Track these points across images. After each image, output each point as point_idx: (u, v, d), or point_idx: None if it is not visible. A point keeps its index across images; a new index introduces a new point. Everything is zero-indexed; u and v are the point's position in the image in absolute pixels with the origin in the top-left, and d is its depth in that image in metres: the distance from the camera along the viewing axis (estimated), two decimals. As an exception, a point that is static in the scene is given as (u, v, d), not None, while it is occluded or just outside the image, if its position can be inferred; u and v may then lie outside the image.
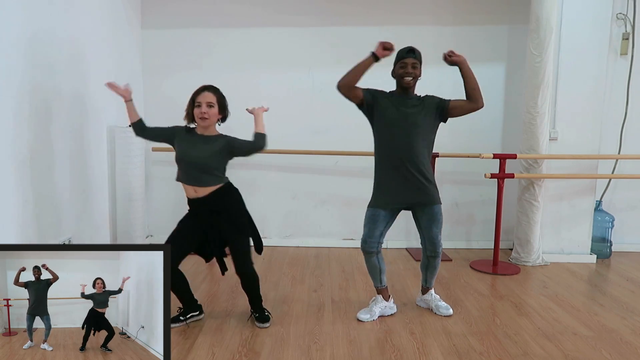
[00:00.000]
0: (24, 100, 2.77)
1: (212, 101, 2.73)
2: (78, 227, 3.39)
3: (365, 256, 2.92)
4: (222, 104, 2.79)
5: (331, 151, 4.36)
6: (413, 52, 2.82)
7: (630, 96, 4.40)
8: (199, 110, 2.70)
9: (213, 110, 2.73)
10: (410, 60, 2.81)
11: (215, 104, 2.74)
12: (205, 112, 2.70)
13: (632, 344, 2.64)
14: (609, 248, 4.36)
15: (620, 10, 4.29)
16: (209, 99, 2.72)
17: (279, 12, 4.45)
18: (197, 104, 2.71)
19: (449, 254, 4.35)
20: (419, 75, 2.85)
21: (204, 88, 2.76)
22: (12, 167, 2.68)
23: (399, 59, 2.85)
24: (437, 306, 3.02)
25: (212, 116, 2.73)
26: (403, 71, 2.81)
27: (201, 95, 2.72)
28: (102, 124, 3.75)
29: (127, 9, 4.21)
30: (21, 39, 2.74)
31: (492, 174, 3.91)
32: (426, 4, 4.43)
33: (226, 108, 2.84)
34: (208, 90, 2.75)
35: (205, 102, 2.71)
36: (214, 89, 2.78)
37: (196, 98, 2.73)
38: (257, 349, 2.52)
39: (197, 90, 2.76)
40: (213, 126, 2.80)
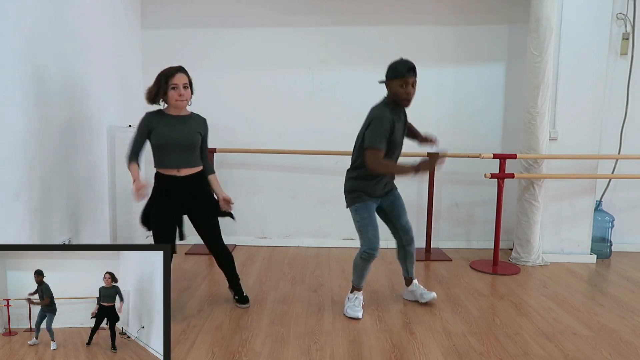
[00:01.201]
0: (23, 100, 2.76)
1: (187, 82, 2.77)
2: (78, 227, 3.39)
3: (369, 258, 2.88)
4: (191, 83, 2.85)
5: (331, 151, 4.36)
6: (414, 70, 2.73)
7: (630, 96, 4.40)
8: (177, 92, 2.72)
9: (188, 91, 2.79)
10: (412, 79, 2.72)
11: (188, 84, 2.79)
12: (183, 94, 2.73)
13: (632, 344, 2.65)
14: (609, 248, 4.36)
15: (620, 10, 4.29)
16: (184, 80, 2.75)
17: (279, 12, 4.45)
18: (173, 86, 2.71)
19: (449, 254, 4.35)
20: None
21: (177, 69, 2.76)
22: (12, 167, 2.68)
23: (399, 75, 2.72)
24: (421, 294, 3.10)
25: (189, 97, 2.79)
26: (404, 92, 2.72)
27: (177, 77, 2.72)
28: (102, 124, 3.75)
29: (127, 9, 4.21)
30: (20, 38, 2.73)
31: (492, 174, 3.91)
32: (427, 3, 4.43)
33: (193, 86, 2.88)
34: (181, 71, 2.77)
35: (181, 83, 2.73)
36: (184, 70, 2.80)
37: (171, 80, 2.72)
38: (257, 349, 2.52)
39: (169, 72, 2.73)
40: (186, 107, 2.86)
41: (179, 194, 2.82)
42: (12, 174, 2.68)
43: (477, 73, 4.52)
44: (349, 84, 4.50)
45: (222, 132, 4.50)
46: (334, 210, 4.59)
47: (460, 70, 4.48)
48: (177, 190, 2.81)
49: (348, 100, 4.48)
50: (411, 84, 2.73)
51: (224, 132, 4.49)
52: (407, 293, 3.21)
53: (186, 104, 2.80)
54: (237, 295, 3.08)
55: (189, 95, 2.79)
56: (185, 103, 2.78)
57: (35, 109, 2.87)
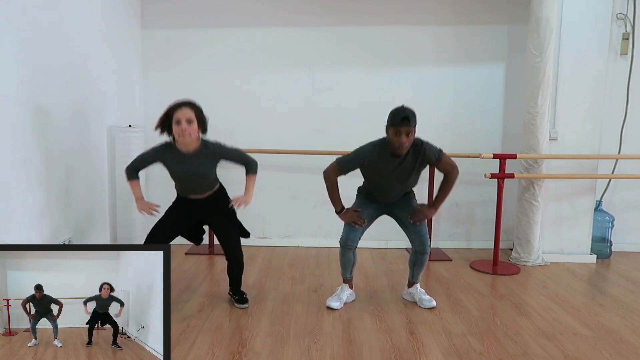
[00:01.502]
0: (23, 100, 2.77)
1: (191, 117, 2.64)
2: (78, 227, 3.39)
3: (343, 250, 3.05)
4: (201, 118, 2.71)
5: (331, 151, 4.35)
6: (408, 119, 2.68)
7: (630, 96, 4.40)
8: (179, 128, 2.61)
9: (193, 127, 2.65)
10: (405, 129, 2.69)
11: (194, 119, 2.65)
12: (186, 129, 2.61)
13: (632, 344, 2.65)
14: (609, 248, 4.36)
15: (620, 10, 4.29)
16: (187, 115, 2.63)
17: (279, 12, 4.45)
18: (176, 120, 2.62)
19: (449, 254, 4.35)
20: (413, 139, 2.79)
21: (181, 104, 2.66)
22: (12, 167, 2.68)
23: (393, 124, 2.73)
24: (421, 299, 3.10)
25: (193, 132, 2.65)
26: (397, 141, 2.72)
27: (179, 112, 2.63)
28: (102, 124, 3.75)
29: (127, 9, 4.21)
30: (20, 38, 2.73)
31: (492, 174, 3.91)
32: (427, 3, 4.43)
33: (205, 121, 2.76)
34: (186, 106, 2.66)
35: (184, 118, 2.62)
36: (191, 104, 2.69)
37: (174, 114, 2.63)
38: (257, 349, 2.52)
39: (173, 106, 2.66)
40: (195, 141, 2.73)
41: (197, 209, 2.93)
42: (12, 174, 2.68)
43: (477, 73, 4.51)
44: (348, 84, 4.50)
45: (222, 132, 4.49)
46: (334, 211, 4.58)
47: (460, 70, 4.48)
48: (196, 205, 2.92)
49: (348, 100, 4.48)
50: (405, 134, 2.70)
51: (223, 132, 4.48)
52: (406, 294, 3.23)
53: (189, 140, 2.66)
54: (237, 296, 3.09)
55: (193, 130, 2.64)
56: (187, 139, 2.65)
57: (35, 109, 2.87)
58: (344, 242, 3.02)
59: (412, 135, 2.75)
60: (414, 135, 2.77)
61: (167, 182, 2.98)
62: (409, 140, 2.73)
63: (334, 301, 3.07)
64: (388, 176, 2.89)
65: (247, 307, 3.04)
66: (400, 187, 2.98)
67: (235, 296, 3.09)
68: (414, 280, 3.16)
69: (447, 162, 2.90)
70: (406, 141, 2.72)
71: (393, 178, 2.90)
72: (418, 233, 3.00)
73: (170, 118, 2.66)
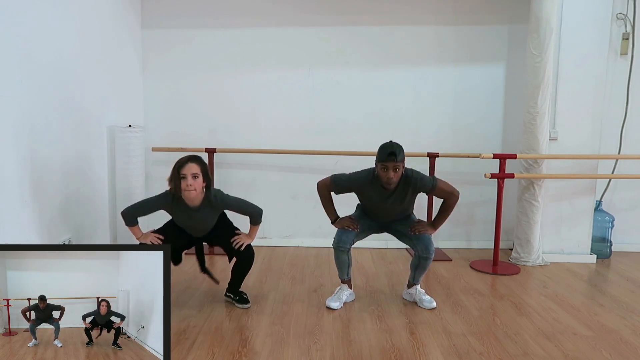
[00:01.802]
0: (23, 100, 2.77)
1: (197, 172, 2.76)
2: (78, 227, 3.39)
3: (336, 253, 3.07)
4: (205, 172, 2.83)
5: (331, 151, 4.36)
6: (395, 155, 2.74)
7: (630, 96, 4.40)
8: (185, 183, 2.73)
9: (198, 181, 2.77)
10: (392, 164, 2.76)
11: (199, 174, 2.77)
12: (191, 184, 2.74)
13: (632, 344, 2.65)
14: (609, 248, 4.36)
15: (620, 10, 4.29)
16: (193, 170, 2.75)
17: (279, 12, 4.45)
18: (182, 176, 2.74)
19: (449, 254, 4.35)
20: (402, 171, 2.84)
21: (187, 159, 2.79)
22: (12, 167, 2.68)
23: (380, 159, 2.79)
24: (421, 300, 3.10)
25: (198, 187, 2.78)
26: (385, 176, 2.79)
27: (186, 167, 2.75)
28: (102, 124, 3.75)
29: (127, 9, 4.21)
30: (20, 38, 2.74)
31: (492, 174, 3.91)
32: (426, 3, 4.43)
33: (209, 175, 2.89)
34: (192, 161, 2.78)
35: (190, 174, 2.74)
36: (196, 159, 2.82)
37: (181, 170, 2.75)
38: (257, 349, 2.52)
39: (180, 162, 2.78)
40: (200, 195, 2.84)
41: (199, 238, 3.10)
42: (13, 174, 2.68)
43: (477, 73, 4.51)
44: (348, 84, 4.50)
45: (222, 132, 4.50)
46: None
47: (461, 70, 4.48)
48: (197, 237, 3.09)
49: (348, 100, 4.48)
50: (392, 169, 2.76)
51: (224, 132, 4.49)
52: (406, 294, 3.23)
53: (195, 194, 2.77)
54: (238, 296, 3.08)
55: (198, 185, 2.76)
56: (193, 193, 2.76)
57: (34, 108, 2.87)
58: (336, 244, 3.04)
59: (400, 170, 2.81)
60: (402, 169, 2.82)
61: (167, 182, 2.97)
62: (396, 175, 2.79)
63: (334, 301, 3.07)
64: (381, 204, 2.97)
65: (248, 306, 3.04)
66: (395, 214, 3.05)
67: (235, 297, 3.08)
68: (415, 282, 3.16)
69: (442, 189, 2.94)
70: (394, 176, 2.78)
71: (387, 206, 2.97)
72: (420, 239, 3.00)
73: (177, 174, 2.77)
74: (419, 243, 3.01)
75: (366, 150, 4.09)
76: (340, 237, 3.03)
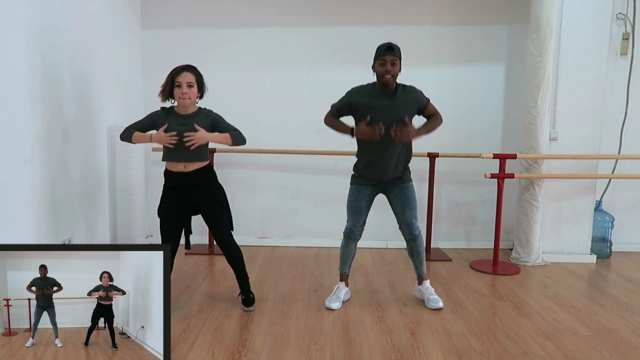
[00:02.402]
0: (23, 100, 2.77)
1: (192, 81, 2.81)
2: (78, 227, 3.39)
3: (346, 241, 3.09)
4: (200, 82, 2.87)
5: (331, 151, 4.36)
6: (392, 49, 2.83)
7: (630, 96, 4.40)
8: (180, 90, 2.78)
9: (193, 90, 2.82)
10: (390, 57, 2.82)
11: (194, 83, 2.82)
12: (186, 92, 2.79)
13: (632, 344, 2.65)
14: (609, 248, 4.36)
15: (620, 10, 4.29)
16: (188, 79, 2.80)
17: (279, 12, 4.45)
18: (177, 84, 2.79)
19: (449, 254, 4.35)
20: (399, 72, 2.89)
21: (183, 68, 2.83)
22: (12, 167, 2.68)
23: (378, 56, 2.87)
24: (428, 299, 3.11)
25: (192, 96, 2.83)
26: (382, 69, 2.84)
27: (181, 76, 2.80)
28: (102, 124, 3.75)
29: (127, 9, 4.21)
30: (20, 39, 2.74)
31: (492, 174, 3.91)
32: (426, 3, 4.43)
33: (204, 85, 2.91)
34: (187, 70, 2.83)
35: (185, 82, 2.79)
36: (192, 69, 2.85)
37: (176, 78, 2.80)
38: (257, 349, 2.52)
39: (176, 70, 2.82)
40: (193, 104, 2.88)
41: (187, 188, 2.88)
42: (13, 174, 2.68)
43: (477, 73, 4.52)
44: (348, 84, 4.48)
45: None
46: (334, 210, 4.59)
47: (460, 70, 4.49)
48: (186, 185, 2.88)
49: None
50: (389, 62, 2.82)
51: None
52: (416, 290, 3.24)
53: (189, 102, 2.82)
54: (244, 296, 3.03)
55: (192, 94, 2.81)
56: (187, 102, 2.80)
57: (34, 109, 2.87)
58: (347, 231, 3.06)
59: (397, 66, 2.84)
60: (398, 66, 2.86)
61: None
62: (394, 69, 2.83)
63: (333, 302, 3.08)
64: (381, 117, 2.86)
65: (252, 309, 3.01)
66: (395, 150, 2.92)
67: (242, 295, 3.04)
68: (420, 274, 3.16)
69: (434, 108, 3.06)
70: (391, 69, 2.81)
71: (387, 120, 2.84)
72: (407, 223, 3.01)
73: (172, 82, 2.81)
74: (403, 224, 3.03)
75: (366, 150, 4.09)
76: (348, 225, 3.05)
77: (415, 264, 3.15)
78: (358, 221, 3.04)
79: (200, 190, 2.89)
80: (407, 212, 3.01)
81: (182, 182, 2.87)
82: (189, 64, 2.87)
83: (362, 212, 3.04)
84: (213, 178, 2.97)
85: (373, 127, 2.81)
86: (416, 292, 3.24)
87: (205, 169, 2.92)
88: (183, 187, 2.88)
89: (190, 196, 2.89)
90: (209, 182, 2.93)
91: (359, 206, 3.03)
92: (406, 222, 3.02)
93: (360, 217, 3.04)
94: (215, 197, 2.92)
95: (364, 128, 2.84)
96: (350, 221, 3.06)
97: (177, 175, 2.88)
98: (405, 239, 3.08)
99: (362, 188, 3.03)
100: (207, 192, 2.90)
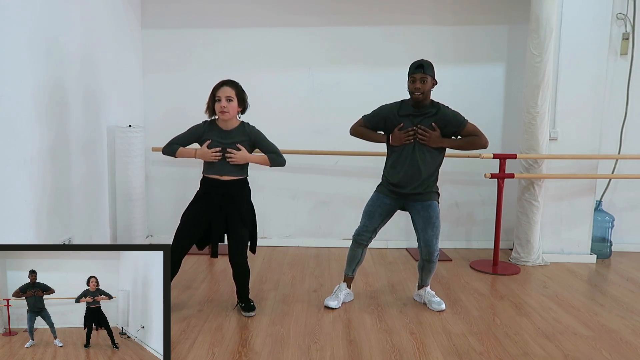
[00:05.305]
0: (24, 101, 2.77)
1: (231, 95, 2.84)
2: (78, 227, 3.39)
3: (353, 245, 3.08)
4: (241, 97, 2.90)
5: (331, 151, 4.36)
6: (422, 67, 2.88)
7: (630, 96, 4.40)
8: (219, 104, 2.82)
9: (232, 104, 2.84)
10: (419, 75, 2.88)
11: (234, 97, 2.85)
12: (225, 106, 2.82)
13: (632, 344, 2.65)
14: (609, 248, 4.36)
15: (620, 10, 4.29)
16: (227, 93, 2.83)
17: (279, 11, 4.45)
18: (217, 98, 2.83)
19: (449, 254, 4.35)
20: (432, 87, 2.93)
21: (223, 83, 2.88)
22: (12, 168, 2.68)
23: (409, 73, 2.93)
24: (430, 301, 3.10)
25: (232, 110, 2.85)
26: (412, 87, 2.90)
27: (221, 90, 2.84)
28: (102, 124, 3.75)
29: (127, 9, 4.21)
30: (20, 39, 2.74)
31: (492, 174, 3.91)
32: (426, 3, 4.43)
33: (245, 100, 2.94)
34: (227, 84, 2.87)
35: (224, 96, 2.82)
36: (232, 83, 2.90)
37: (216, 93, 2.85)
38: (257, 349, 2.52)
39: (217, 85, 2.88)
40: (234, 119, 2.90)
41: (218, 196, 2.90)
42: (13, 174, 2.68)
43: (477, 73, 4.51)
44: (348, 84, 4.50)
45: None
46: (334, 210, 4.59)
47: (460, 70, 4.48)
48: (217, 192, 2.90)
49: (348, 100, 4.48)
50: (419, 80, 2.87)
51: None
52: (416, 295, 3.24)
53: (228, 116, 2.83)
54: (244, 303, 2.99)
55: (232, 108, 2.83)
56: (227, 115, 2.82)
57: (34, 109, 2.87)
58: (357, 234, 3.06)
59: (428, 83, 2.89)
60: (430, 83, 2.90)
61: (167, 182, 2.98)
62: (424, 87, 2.87)
63: (332, 300, 3.08)
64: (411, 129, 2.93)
65: (253, 315, 2.94)
66: (422, 163, 2.94)
67: (241, 303, 3.00)
68: (423, 284, 3.17)
69: (472, 130, 2.98)
70: (420, 86, 2.86)
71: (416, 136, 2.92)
72: (426, 242, 2.98)
73: (212, 97, 2.86)
74: (424, 246, 3.00)
75: (366, 151, 4.10)
76: (359, 229, 3.04)
77: (422, 276, 3.15)
78: (368, 226, 3.02)
79: (229, 200, 2.90)
80: (429, 230, 2.97)
81: (215, 189, 2.89)
82: (230, 79, 2.91)
83: (375, 219, 3.02)
84: (245, 193, 2.99)
85: (406, 131, 2.93)
86: (416, 296, 3.23)
87: (241, 181, 2.95)
88: (215, 194, 2.89)
89: (219, 204, 2.88)
90: (239, 195, 2.94)
91: (373, 211, 3.02)
92: (426, 242, 2.98)
93: (371, 222, 3.02)
94: (240, 211, 2.91)
95: (397, 133, 2.95)
96: (361, 224, 3.06)
97: (211, 182, 2.90)
98: (422, 257, 3.06)
99: (384, 197, 3.04)
100: (234, 204, 2.90)
